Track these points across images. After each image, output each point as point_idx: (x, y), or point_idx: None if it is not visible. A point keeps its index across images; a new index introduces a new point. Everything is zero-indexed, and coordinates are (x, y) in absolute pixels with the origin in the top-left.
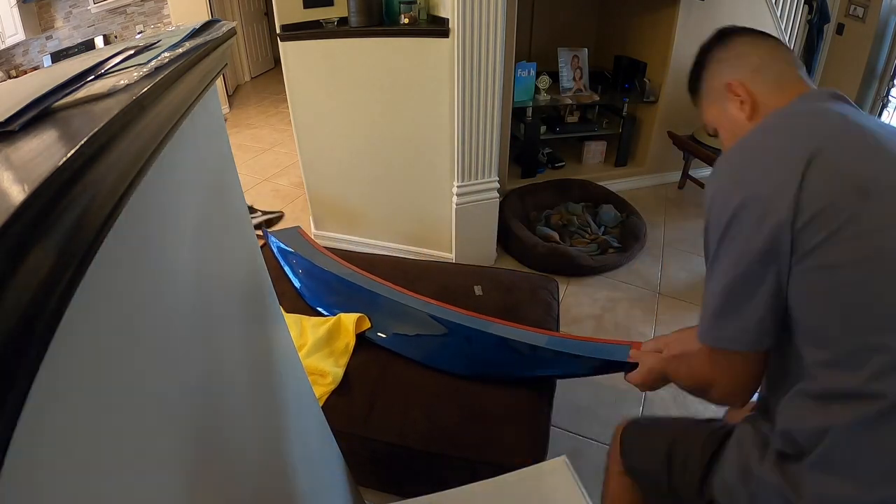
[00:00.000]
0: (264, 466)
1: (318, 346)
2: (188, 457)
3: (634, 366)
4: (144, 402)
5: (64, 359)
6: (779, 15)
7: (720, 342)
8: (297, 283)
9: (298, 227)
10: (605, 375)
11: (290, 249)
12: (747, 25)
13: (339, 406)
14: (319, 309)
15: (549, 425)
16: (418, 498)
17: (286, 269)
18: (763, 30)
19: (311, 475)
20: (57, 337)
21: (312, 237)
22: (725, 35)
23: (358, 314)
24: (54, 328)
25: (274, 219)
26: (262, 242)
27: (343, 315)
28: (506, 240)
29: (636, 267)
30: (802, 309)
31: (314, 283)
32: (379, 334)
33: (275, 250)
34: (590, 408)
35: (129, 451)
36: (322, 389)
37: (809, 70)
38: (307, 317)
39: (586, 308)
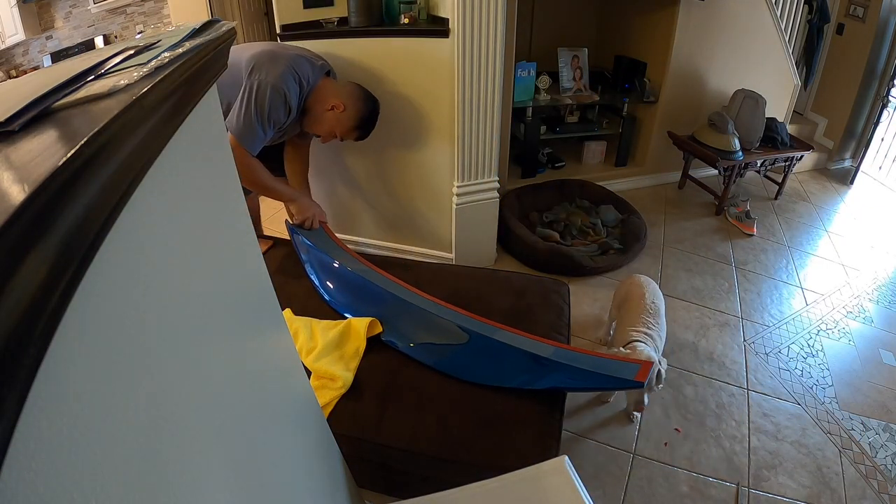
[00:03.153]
0: (261, 469)
1: (328, 350)
2: (185, 459)
3: (640, 385)
4: (142, 402)
5: (63, 359)
6: (779, 15)
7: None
8: (315, 280)
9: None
10: None
11: (312, 244)
12: (748, 26)
13: (349, 411)
14: (336, 308)
15: (561, 430)
16: (418, 498)
17: (306, 264)
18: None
19: (309, 477)
20: (57, 337)
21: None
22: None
23: (370, 318)
24: (54, 328)
25: None
26: (269, 244)
27: (354, 319)
28: (506, 240)
29: (636, 267)
30: None
31: (335, 280)
32: (407, 345)
33: (296, 243)
34: (590, 408)
35: (126, 452)
36: (332, 394)
37: (809, 70)
38: (317, 320)
39: (586, 308)
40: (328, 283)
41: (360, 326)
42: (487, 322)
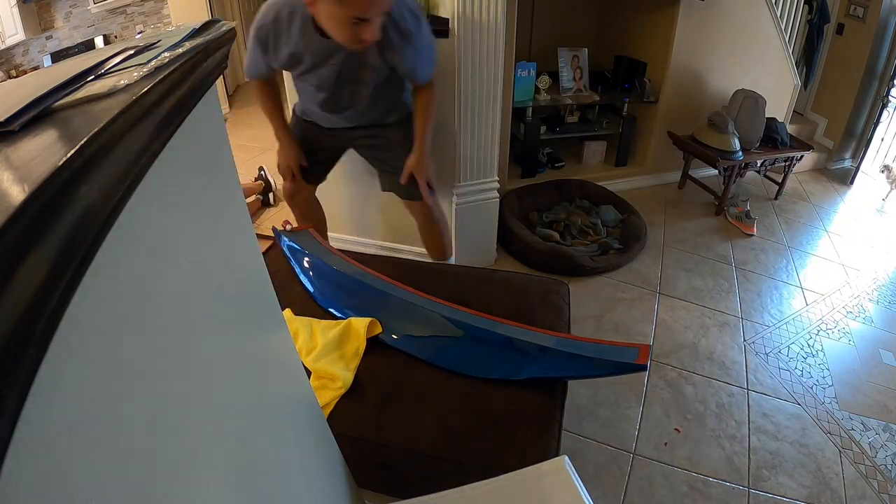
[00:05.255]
0: (261, 468)
1: (328, 350)
2: (185, 459)
3: (643, 367)
4: (142, 402)
5: (63, 359)
6: (779, 15)
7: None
8: (307, 284)
9: (309, 227)
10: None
11: (301, 249)
12: (747, 26)
13: (349, 411)
14: (331, 310)
15: (561, 430)
16: (418, 498)
17: (296, 268)
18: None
19: (309, 477)
20: (57, 337)
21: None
22: None
23: (369, 318)
24: (54, 328)
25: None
26: (269, 244)
27: (354, 319)
28: (506, 240)
29: (636, 267)
30: None
31: (326, 283)
32: (392, 336)
33: (285, 250)
34: (590, 408)
35: (126, 451)
36: (332, 394)
37: (809, 70)
38: (317, 320)
39: (586, 308)
40: (322, 288)
41: (360, 326)
42: (488, 317)
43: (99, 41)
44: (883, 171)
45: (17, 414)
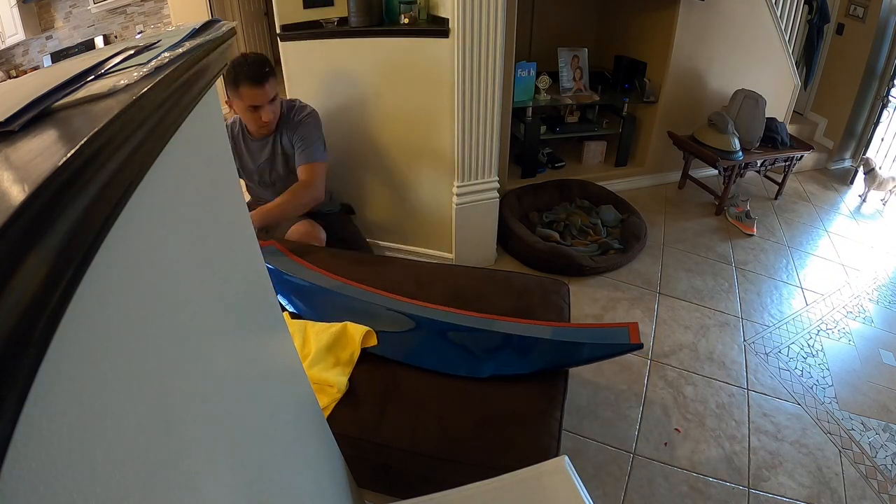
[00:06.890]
0: (262, 469)
1: (322, 356)
2: (185, 459)
3: (638, 346)
4: (142, 402)
5: (63, 359)
6: (779, 15)
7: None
8: (284, 301)
9: (273, 243)
10: (605, 376)
11: (272, 267)
12: (747, 26)
13: (348, 413)
14: (302, 315)
15: (561, 430)
16: (418, 498)
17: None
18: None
19: (310, 478)
20: (57, 337)
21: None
22: None
23: (367, 328)
24: (54, 328)
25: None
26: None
27: (349, 324)
28: (506, 240)
29: (636, 267)
30: None
31: (303, 299)
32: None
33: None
34: (590, 408)
35: (127, 452)
36: (328, 398)
37: (809, 70)
38: (312, 322)
39: (586, 308)
40: (301, 303)
41: (355, 332)
42: (480, 315)
43: (99, 41)
44: (862, 166)
45: (17, 414)
